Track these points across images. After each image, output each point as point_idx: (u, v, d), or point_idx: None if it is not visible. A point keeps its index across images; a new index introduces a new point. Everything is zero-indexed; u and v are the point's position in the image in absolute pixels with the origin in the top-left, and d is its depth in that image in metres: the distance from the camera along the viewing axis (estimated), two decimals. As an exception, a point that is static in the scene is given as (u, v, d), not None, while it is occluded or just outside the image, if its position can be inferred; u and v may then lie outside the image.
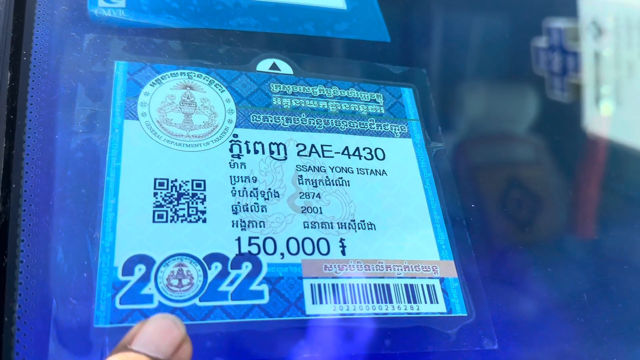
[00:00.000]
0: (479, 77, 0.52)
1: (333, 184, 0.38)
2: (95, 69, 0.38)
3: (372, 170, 0.40)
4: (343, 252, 0.36)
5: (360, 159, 0.40)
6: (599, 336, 0.38)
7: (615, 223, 0.47)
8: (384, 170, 0.40)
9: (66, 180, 0.34)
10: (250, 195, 0.36)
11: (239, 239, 0.34)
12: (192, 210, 0.34)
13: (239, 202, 0.35)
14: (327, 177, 0.38)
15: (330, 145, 0.40)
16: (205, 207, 0.35)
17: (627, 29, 0.53)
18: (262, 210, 0.36)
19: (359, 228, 0.37)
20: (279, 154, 0.38)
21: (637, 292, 0.41)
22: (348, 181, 0.39)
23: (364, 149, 0.41)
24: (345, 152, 0.40)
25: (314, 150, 0.39)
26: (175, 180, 0.35)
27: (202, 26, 0.42)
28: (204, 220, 0.34)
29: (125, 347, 0.25)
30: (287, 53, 0.43)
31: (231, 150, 0.37)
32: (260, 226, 0.35)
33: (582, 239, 0.44)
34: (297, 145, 0.39)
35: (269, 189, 0.37)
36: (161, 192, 0.34)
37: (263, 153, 0.38)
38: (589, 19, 0.54)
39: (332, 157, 0.40)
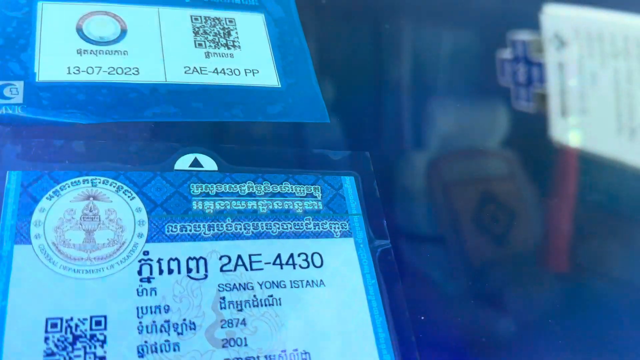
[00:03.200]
0: (432, 152, 0.48)
1: (261, 305, 0.33)
2: (-18, 182, 0.33)
3: (307, 281, 0.35)
4: (271, 392, 0.31)
5: (294, 268, 0.35)
6: None
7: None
8: (321, 281, 0.35)
9: (-61, 327, 0.29)
10: (161, 331, 0.31)
11: (144, 390, 0.29)
12: (90, 357, 0.29)
13: (146, 341, 0.30)
14: (254, 296, 0.34)
15: (260, 255, 0.35)
16: (105, 352, 0.30)
17: (587, 41, 0.55)
18: (175, 349, 0.31)
19: (291, 359, 0.32)
20: (197, 271, 0.33)
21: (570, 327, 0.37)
22: (279, 299, 0.34)
23: (298, 255, 0.36)
24: (277, 261, 0.35)
25: (239, 262, 0.34)
26: (71, 319, 0.30)
27: (112, 120, 0.37)
28: (103, 370, 0.29)
29: None
30: (211, 145, 0.38)
31: (140, 272, 0.32)
32: (172, 369, 0.30)
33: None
34: (221, 259, 0.34)
35: (184, 319, 0.32)
36: (53, 337, 0.29)
37: (179, 272, 0.33)
38: (551, 32, 0.55)
39: (262, 269, 0.35)
